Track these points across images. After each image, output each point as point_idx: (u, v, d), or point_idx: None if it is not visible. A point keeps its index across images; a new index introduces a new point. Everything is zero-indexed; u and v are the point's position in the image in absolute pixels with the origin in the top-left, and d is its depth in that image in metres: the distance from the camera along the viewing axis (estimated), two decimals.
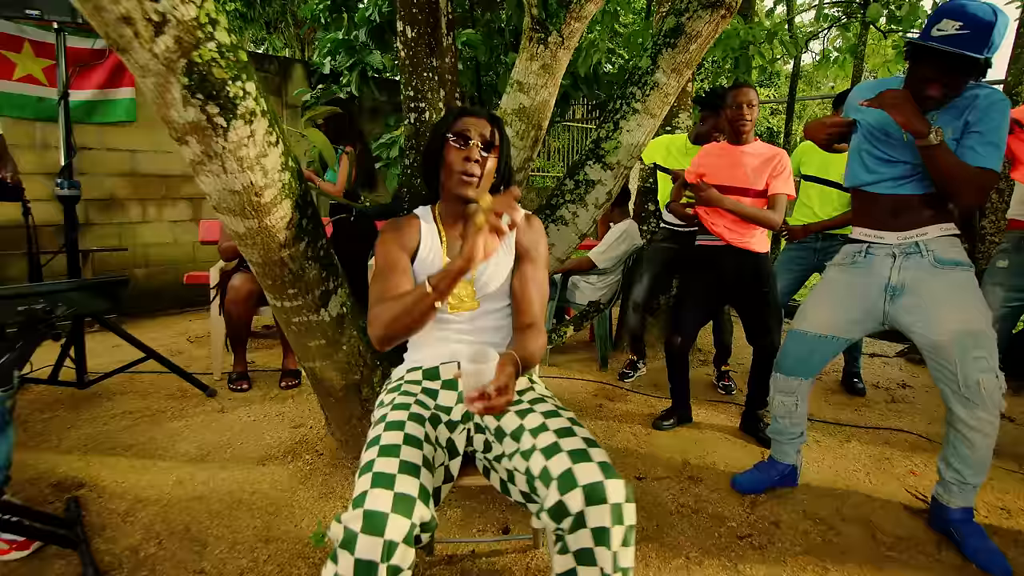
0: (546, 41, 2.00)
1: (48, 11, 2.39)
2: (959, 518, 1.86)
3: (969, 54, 1.52)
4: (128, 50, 1.17)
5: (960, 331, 1.72)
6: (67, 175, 2.57)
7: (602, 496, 1.07)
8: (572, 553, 1.10)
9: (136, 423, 2.60)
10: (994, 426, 1.75)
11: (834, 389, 3.25)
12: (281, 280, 1.73)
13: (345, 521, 1.02)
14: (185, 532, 1.87)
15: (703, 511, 2.03)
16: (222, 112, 1.28)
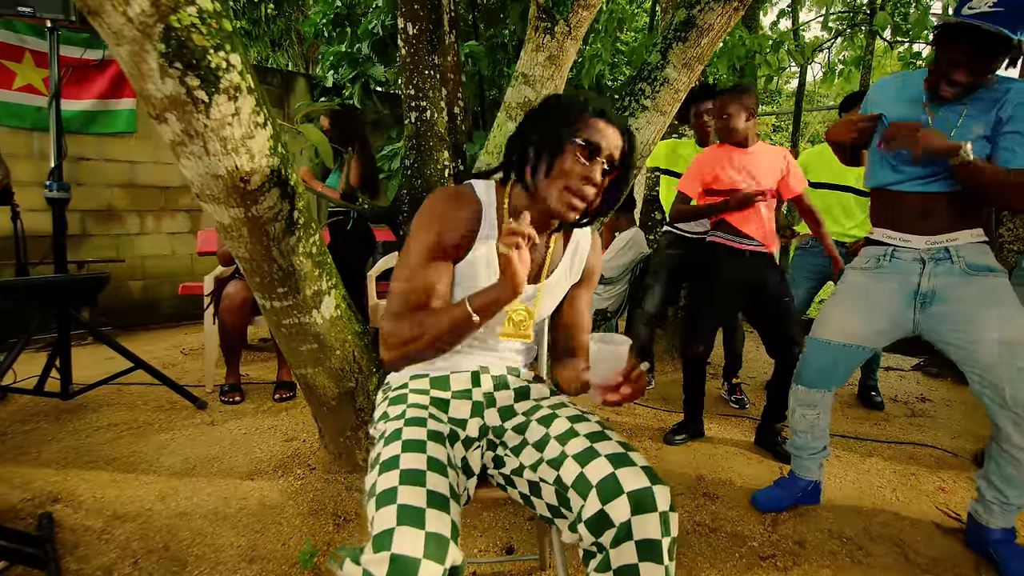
0: (553, 31, 1.90)
1: (40, 9, 2.30)
2: (1000, 539, 1.70)
3: (1004, 31, 1.41)
4: (100, 13, 1.06)
5: (1002, 341, 1.57)
6: (57, 177, 2.46)
7: (652, 504, 0.94)
8: (614, 571, 0.95)
9: (120, 436, 2.45)
10: None
11: (850, 403, 3.09)
12: (270, 277, 1.60)
13: (366, 564, 0.84)
14: (164, 551, 1.71)
15: (721, 530, 1.88)
16: (203, 85, 1.16)
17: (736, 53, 3.58)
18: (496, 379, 1.26)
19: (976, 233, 1.67)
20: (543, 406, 1.21)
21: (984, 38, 1.46)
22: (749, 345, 4.02)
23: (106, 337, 2.55)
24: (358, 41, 4.50)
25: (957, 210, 1.66)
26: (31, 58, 3.88)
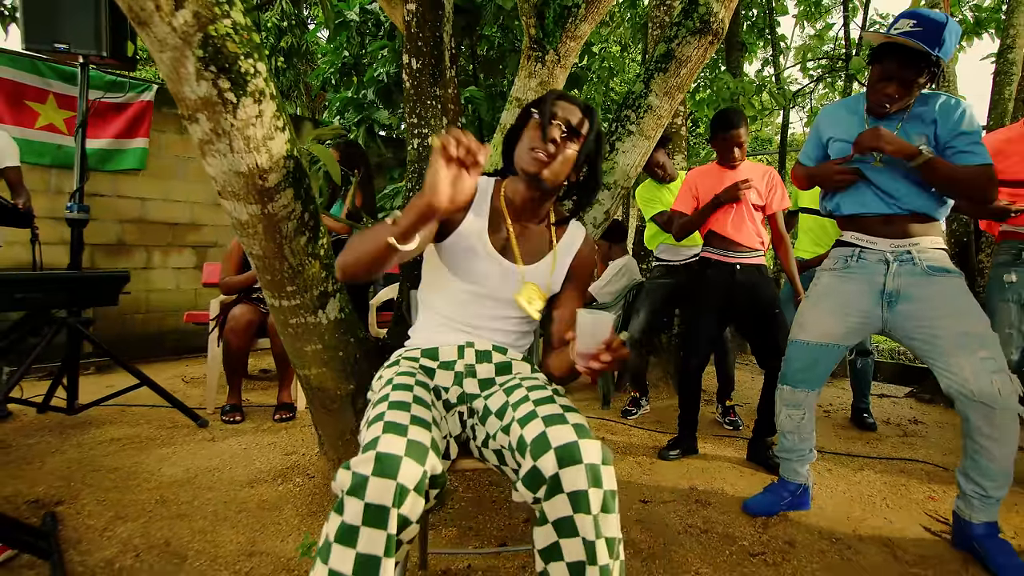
0: (543, 59, 2.11)
1: (75, 45, 2.54)
2: (983, 533, 1.77)
3: (923, 46, 1.63)
4: (148, 24, 1.25)
5: (963, 334, 1.70)
6: (78, 199, 2.64)
7: (576, 457, 1.01)
8: (551, 524, 1.02)
9: (123, 448, 2.52)
10: (1013, 433, 1.69)
11: (844, 425, 3.16)
12: (281, 275, 1.74)
13: (354, 466, 0.96)
14: (165, 547, 1.77)
15: (712, 531, 1.94)
16: (233, 87, 1.34)
17: (721, 96, 3.86)
18: (480, 353, 1.38)
19: (936, 240, 1.82)
20: (517, 379, 1.31)
21: (907, 54, 1.68)
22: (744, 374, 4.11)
23: (112, 355, 2.66)
24: (363, 88, 4.81)
25: (918, 223, 1.82)
26: (54, 100, 4.15)
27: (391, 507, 0.93)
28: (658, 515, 2.04)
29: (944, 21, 1.70)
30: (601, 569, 0.99)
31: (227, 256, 3.11)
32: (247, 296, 3.08)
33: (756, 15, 5.46)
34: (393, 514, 0.94)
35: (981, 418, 1.68)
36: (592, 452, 1.02)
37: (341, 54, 4.97)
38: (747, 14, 5.58)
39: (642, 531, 1.92)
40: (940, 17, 1.71)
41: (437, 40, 2.46)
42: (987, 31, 4.73)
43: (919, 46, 1.67)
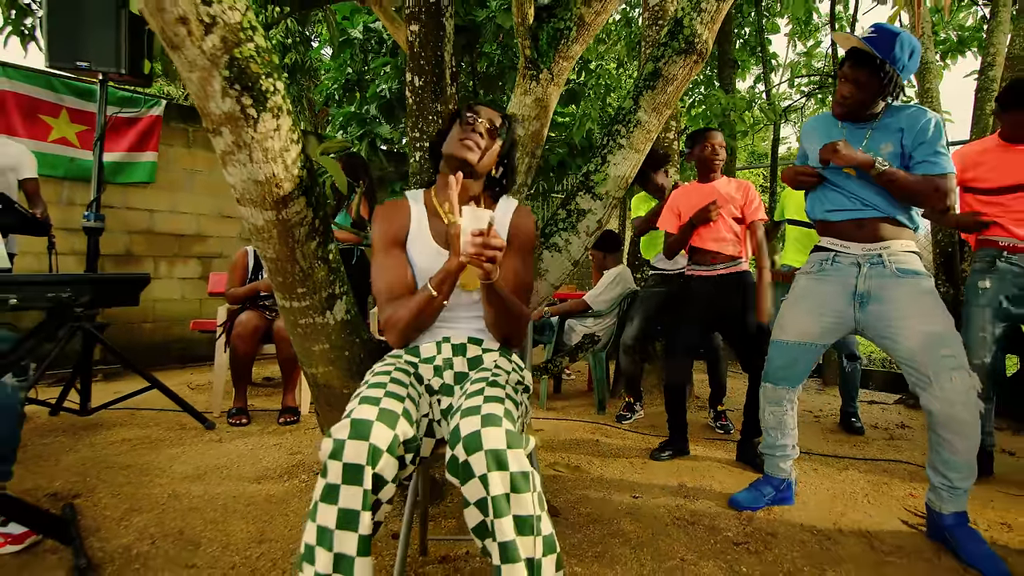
0: (538, 78, 2.27)
1: (96, 63, 2.71)
2: (953, 523, 1.89)
3: (872, 49, 1.79)
4: (180, 47, 1.40)
5: (926, 333, 1.84)
6: (95, 208, 2.79)
7: (478, 444, 1.08)
8: (473, 505, 1.10)
9: (134, 448, 2.65)
10: (974, 426, 1.82)
11: (833, 429, 3.28)
12: (292, 278, 1.88)
13: (334, 432, 1.10)
14: (179, 535, 1.90)
15: (699, 523, 2.06)
16: (254, 104, 1.49)
17: (713, 112, 4.03)
18: (455, 347, 1.52)
19: (907, 243, 1.97)
20: (483, 374, 1.38)
21: (861, 58, 1.85)
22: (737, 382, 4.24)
23: (124, 358, 2.79)
24: (366, 103, 4.99)
25: (889, 227, 1.97)
26: (67, 114, 4.33)
27: (365, 465, 1.06)
28: (647, 509, 2.16)
29: (897, 33, 1.86)
30: (503, 547, 1.04)
31: (232, 267, 3.26)
32: (253, 304, 3.22)
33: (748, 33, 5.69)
34: (368, 472, 1.07)
35: (943, 413, 1.81)
36: (494, 438, 1.08)
37: (344, 70, 5.17)
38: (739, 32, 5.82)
39: (632, 523, 2.03)
40: (896, 29, 1.87)
41: (438, 59, 2.62)
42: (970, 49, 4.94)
43: (868, 49, 1.84)
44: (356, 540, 1.05)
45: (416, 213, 1.63)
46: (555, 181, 5.40)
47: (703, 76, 5.98)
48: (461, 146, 1.53)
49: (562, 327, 3.61)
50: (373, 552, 1.27)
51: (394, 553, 1.80)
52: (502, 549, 1.05)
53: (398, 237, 1.59)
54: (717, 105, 3.98)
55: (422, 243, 1.58)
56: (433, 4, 2.55)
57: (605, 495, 2.27)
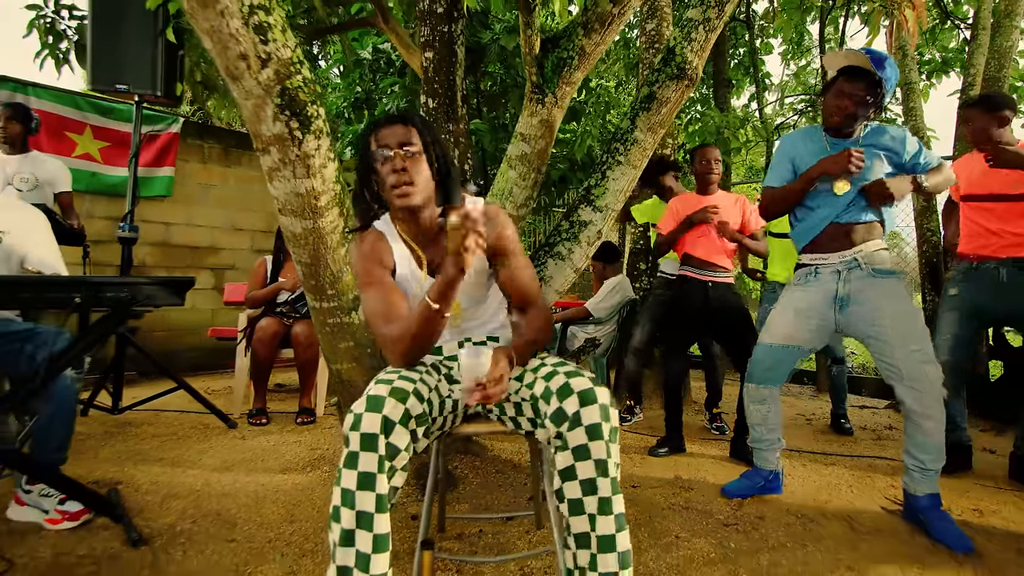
0: (543, 101, 2.55)
1: (134, 86, 2.99)
2: (926, 505, 2.11)
3: (871, 66, 2.07)
4: (240, 79, 1.67)
5: (901, 332, 2.08)
6: (129, 220, 3.05)
7: (593, 398, 1.34)
8: (571, 450, 1.34)
9: (164, 444, 2.88)
10: (939, 411, 2.06)
11: (823, 431, 3.51)
12: (323, 280, 2.13)
13: (354, 408, 1.31)
14: (216, 516, 2.12)
15: (693, 508, 2.28)
16: (300, 127, 1.75)
17: (708, 129, 4.31)
18: (476, 343, 1.71)
19: (877, 243, 2.22)
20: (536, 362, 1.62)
21: (856, 75, 2.11)
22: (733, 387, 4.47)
23: (154, 359, 3.03)
24: None
25: (857, 232, 2.22)
26: (91, 131, 4.62)
27: (379, 434, 1.27)
28: (645, 496, 2.38)
29: (885, 56, 2.14)
30: (612, 481, 1.32)
31: (253, 274, 3.52)
32: (271, 311, 3.46)
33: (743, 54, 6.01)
34: (381, 440, 1.27)
35: (913, 400, 2.06)
36: (604, 396, 1.36)
37: (354, 89, 5.47)
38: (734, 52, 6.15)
39: (630, 507, 2.26)
40: (883, 53, 2.16)
41: (451, 83, 2.90)
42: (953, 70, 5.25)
43: (868, 66, 2.10)
44: (374, 499, 1.26)
45: (398, 252, 1.65)
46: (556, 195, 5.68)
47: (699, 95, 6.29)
48: (397, 195, 1.51)
49: (564, 333, 3.86)
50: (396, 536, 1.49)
51: (416, 533, 2.02)
52: (612, 484, 1.32)
53: (385, 264, 1.61)
54: (712, 123, 4.26)
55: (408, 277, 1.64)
56: (446, 33, 2.84)
57: None
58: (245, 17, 1.60)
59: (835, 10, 4.93)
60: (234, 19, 1.59)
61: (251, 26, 1.62)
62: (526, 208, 2.73)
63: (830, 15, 5.05)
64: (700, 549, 1.95)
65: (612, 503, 1.32)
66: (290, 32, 1.74)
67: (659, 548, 1.95)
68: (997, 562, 1.92)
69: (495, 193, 2.66)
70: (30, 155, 3.30)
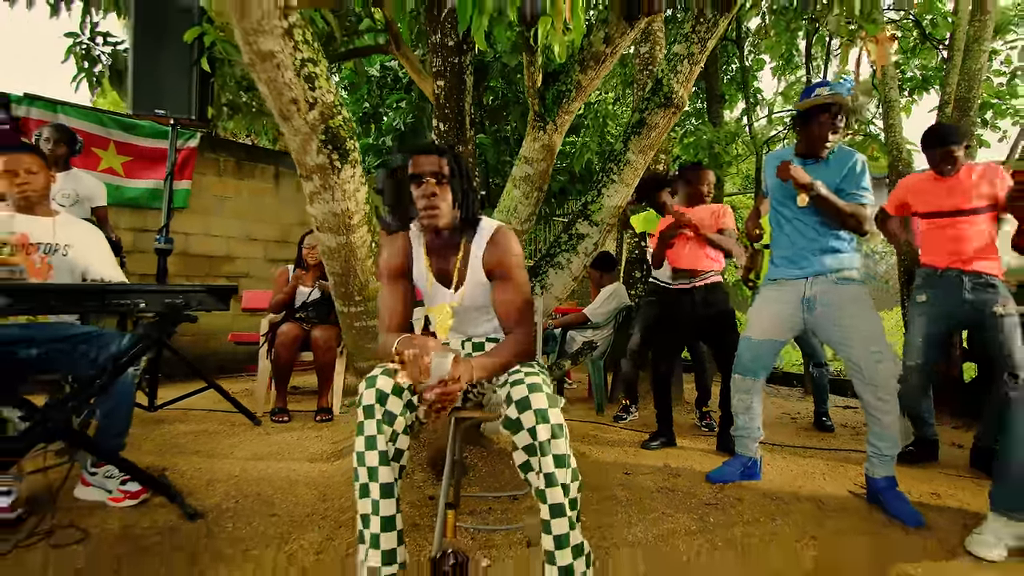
0: (544, 128, 2.92)
1: (171, 111, 3.36)
2: (884, 486, 2.46)
3: (846, 100, 2.43)
4: (291, 119, 2.04)
5: (859, 332, 2.44)
6: (165, 233, 3.42)
7: (528, 405, 1.59)
8: (521, 448, 1.63)
9: (198, 438, 3.23)
10: (894, 405, 2.41)
11: (806, 428, 3.87)
12: (352, 288, 2.50)
13: (359, 389, 1.67)
14: (256, 496, 2.47)
15: (678, 490, 2.63)
16: (340, 158, 2.12)
17: (699, 144, 4.68)
18: (476, 344, 2.04)
19: None
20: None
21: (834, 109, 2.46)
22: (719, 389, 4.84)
23: (188, 361, 3.39)
24: (382, 136, 5.66)
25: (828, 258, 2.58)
26: (115, 147, 5.00)
27: (375, 404, 1.61)
28: (637, 482, 2.73)
29: (847, 89, 2.51)
30: (547, 476, 1.56)
31: (276, 281, 3.89)
32: (291, 316, 3.82)
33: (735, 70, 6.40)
34: (378, 409, 1.61)
35: (871, 395, 2.41)
36: (539, 400, 1.59)
37: (362, 104, 5.86)
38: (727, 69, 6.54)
39: (623, 490, 2.61)
40: (841, 87, 2.53)
41: (460, 108, 3.28)
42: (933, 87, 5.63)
43: (845, 100, 2.47)
44: (378, 455, 1.60)
45: (416, 255, 1.96)
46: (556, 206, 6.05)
47: (693, 109, 6.68)
48: (427, 217, 1.83)
49: (564, 338, 4.22)
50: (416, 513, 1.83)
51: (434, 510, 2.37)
52: (546, 478, 1.58)
53: (401, 268, 1.94)
54: (704, 139, 4.63)
55: (421, 278, 1.97)
56: (456, 64, 3.22)
57: (602, 472, 2.85)
58: (297, 69, 1.98)
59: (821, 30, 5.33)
60: (288, 71, 1.96)
61: (302, 76, 1.99)
62: (529, 223, 3.09)
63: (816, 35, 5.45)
64: (683, 523, 2.30)
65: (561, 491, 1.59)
66: (332, 80, 2.12)
67: (647, 523, 2.30)
68: (944, 533, 2.25)
69: (501, 210, 3.03)
70: (71, 172, 3.67)
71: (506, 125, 6.20)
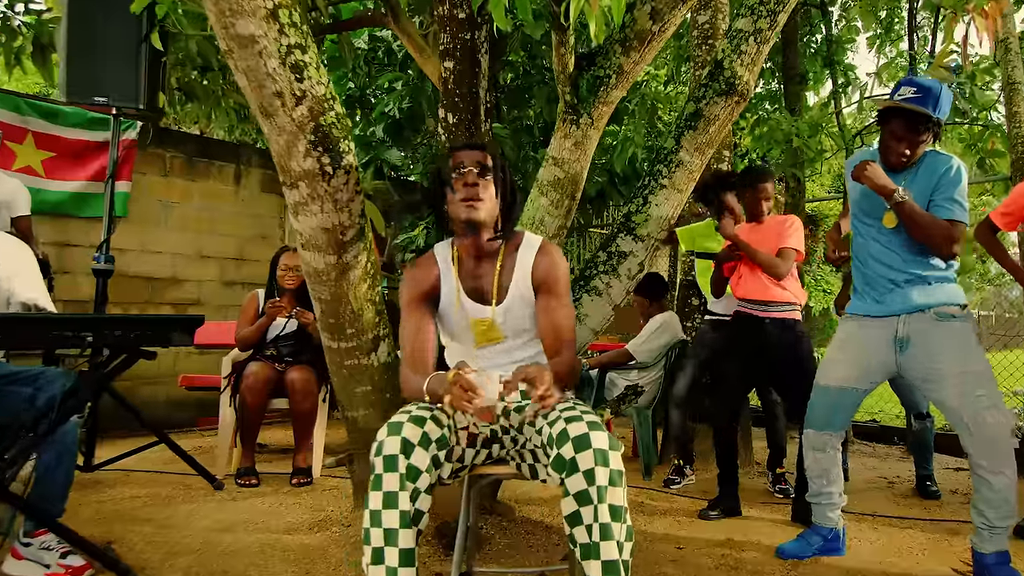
0: (578, 122, 3.18)
1: (114, 99, 3.66)
2: (993, 562, 2.63)
3: (926, 110, 2.64)
4: (274, 115, 2.30)
5: (961, 374, 2.64)
6: (105, 250, 3.71)
7: (588, 443, 1.77)
8: (572, 496, 1.82)
9: (147, 504, 3.48)
10: (1009, 463, 2.59)
11: (906, 494, 4.05)
12: (343, 319, 2.74)
13: (377, 436, 1.86)
14: (223, 574, 2.69)
15: (742, 568, 2.83)
16: (332, 162, 2.38)
17: (775, 136, 4.90)
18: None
19: None
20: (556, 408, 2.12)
21: (912, 116, 2.69)
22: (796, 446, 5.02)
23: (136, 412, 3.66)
24: (371, 124, 5.96)
25: None
26: (33, 140, 5.32)
27: (399, 455, 1.81)
28: (691, 558, 2.93)
29: (939, 87, 2.72)
30: (602, 527, 1.78)
31: (243, 311, 4.16)
32: (260, 353, 4.08)
33: (820, 41, 6.60)
34: (402, 461, 1.81)
35: (977, 451, 2.59)
36: (600, 440, 1.79)
37: (346, 85, 6.17)
38: (810, 40, 6.73)
39: (674, 568, 2.81)
40: (935, 84, 2.74)
41: (473, 96, 3.56)
42: None
43: (922, 110, 2.69)
44: (398, 516, 1.79)
45: (444, 271, 2.26)
46: (594, 214, 6.30)
47: (767, 91, 6.90)
48: (465, 208, 2.10)
49: (602, 381, 4.42)
50: None
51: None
52: (601, 530, 1.77)
53: (425, 295, 2.23)
54: (779, 130, 4.85)
55: (451, 300, 2.24)
56: (468, 41, 3.50)
57: (649, 546, 3.04)
58: (283, 57, 2.24)
59: None
60: (272, 59, 2.23)
61: (288, 65, 2.26)
62: (559, 238, 3.34)
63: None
64: None
65: (615, 547, 1.78)
66: (323, 68, 2.39)
67: None
68: None
69: (525, 222, 3.27)
70: None
71: (529, 109, 6.45)
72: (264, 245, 6.35)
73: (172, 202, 5.90)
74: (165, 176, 5.88)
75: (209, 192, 6.11)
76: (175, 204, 5.91)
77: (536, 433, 2.05)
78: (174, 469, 3.99)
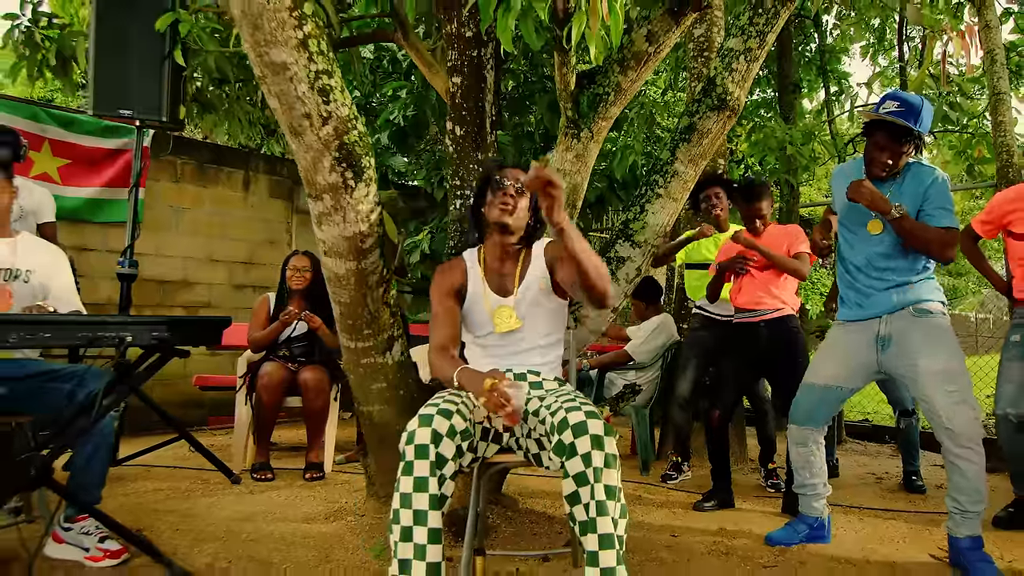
0: (579, 136, 3.44)
1: (139, 112, 3.92)
2: (967, 547, 2.86)
3: (908, 123, 2.89)
4: (302, 134, 2.56)
5: (936, 370, 2.88)
6: (129, 255, 3.96)
7: (585, 430, 2.02)
8: (571, 477, 2.07)
9: (169, 497, 3.72)
10: (978, 453, 2.84)
11: (893, 489, 4.30)
12: (360, 320, 2.99)
13: (408, 426, 2.10)
14: (250, 559, 2.91)
15: (734, 554, 3.07)
16: (354, 176, 2.64)
17: (768, 144, 5.16)
18: (517, 375, 2.51)
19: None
20: (546, 391, 2.46)
21: (894, 129, 2.92)
22: None
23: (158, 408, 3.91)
24: (376, 132, 6.22)
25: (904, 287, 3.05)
26: (49, 147, 5.57)
27: (430, 444, 2.06)
28: (685, 544, 3.17)
29: (920, 103, 2.97)
30: (598, 504, 2.02)
31: (255, 313, 4.41)
32: (274, 354, 4.33)
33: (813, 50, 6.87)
34: (432, 450, 2.05)
35: (950, 441, 2.81)
36: (596, 427, 2.02)
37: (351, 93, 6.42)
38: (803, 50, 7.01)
39: (668, 552, 3.04)
40: (916, 99, 2.99)
41: (479, 109, 3.80)
42: None
43: (904, 123, 2.94)
44: (427, 498, 2.04)
45: (472, 273, 2.60)
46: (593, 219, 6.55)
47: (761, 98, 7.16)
48: (499, 212, 2.46)
49: (601, 381, 4.68)
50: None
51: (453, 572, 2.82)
52: (597, 506, 2.02)
53: (453, 289, 2.55)
54: (773, 138, 5.11)
55: (477, 296, 2.54)
56: (475, 58, 3.75)
57: (645, 535, 3.29)
58: (311, 82, 2.50)
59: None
60: (302, 84, 2.49)
61: (316, 89, 2.52)
62: None
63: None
64: None
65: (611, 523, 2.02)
66: (347, 91, 2.65)
67: None
68: None
69: None
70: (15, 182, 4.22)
71: (530, 116, 6.71)
72: (272, 249, 6.63)
73: (183, 207, 6.16)
74: (177, 182, 6.14)
75: (219, 198, 6.38)
76: (186, 209, 6.17)
77: (540, 423, 2.30)
78: (191, 464, 4.24)
